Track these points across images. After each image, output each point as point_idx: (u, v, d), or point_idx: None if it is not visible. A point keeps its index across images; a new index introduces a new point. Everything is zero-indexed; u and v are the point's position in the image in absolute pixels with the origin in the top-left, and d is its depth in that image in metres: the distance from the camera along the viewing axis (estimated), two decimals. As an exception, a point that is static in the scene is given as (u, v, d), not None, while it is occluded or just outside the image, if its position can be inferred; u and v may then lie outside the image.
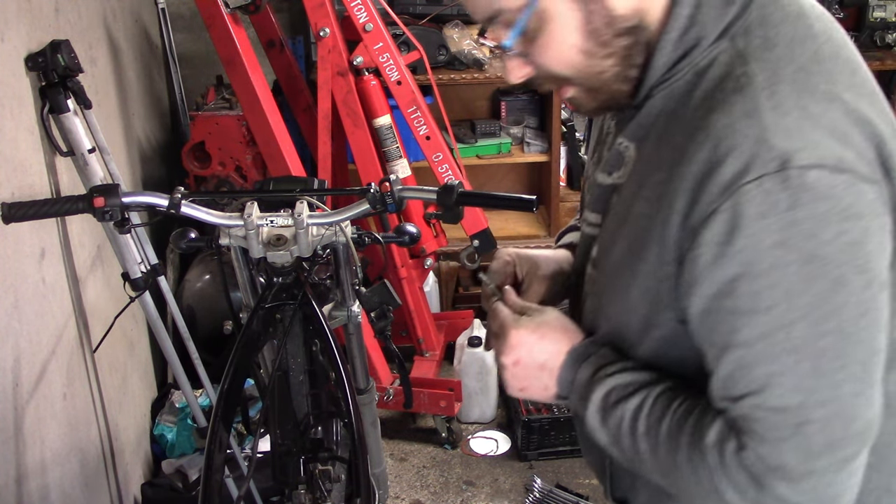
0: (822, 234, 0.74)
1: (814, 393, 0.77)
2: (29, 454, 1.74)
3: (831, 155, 0.75)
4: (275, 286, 1.59)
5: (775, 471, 0.79)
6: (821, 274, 0.75)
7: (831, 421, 0.78)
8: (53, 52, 1.82)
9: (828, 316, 0.76)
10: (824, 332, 0.76)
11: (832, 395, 0.77)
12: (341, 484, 1.76)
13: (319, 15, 2.59)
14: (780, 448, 0.79)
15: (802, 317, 0.76)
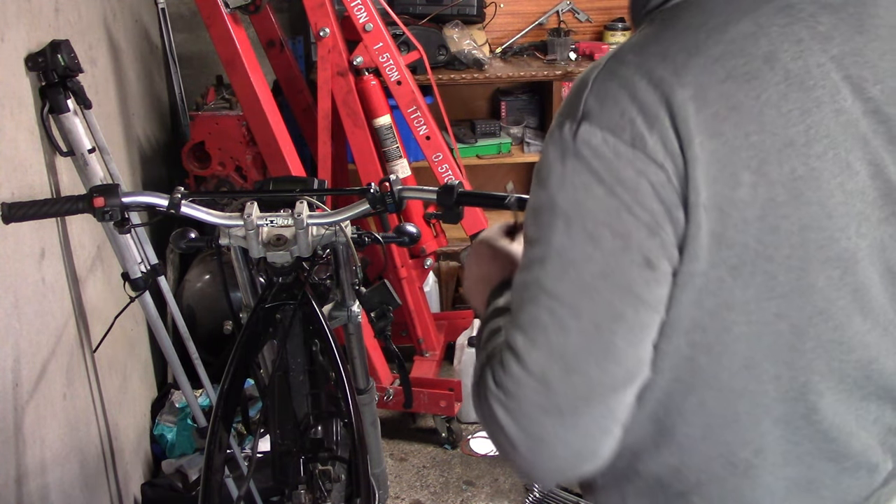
0: (593, 189, 0.79)
1: (545, 331, 0.81)
2: (29, 454, 1.74)
3: (633, 131, 0.78)
4: (275, 286, 1.59)
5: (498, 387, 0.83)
6: (579, 224, 0.80)
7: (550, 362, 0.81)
8: (53, 52, 1.82)
9: (574, 264, 0.80)
10: (567, 279, 0.80)
11: (558, 339, 0.80)
12: (341, 484, 1.76)
13: (319, 15, 2.59)
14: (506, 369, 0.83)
15: (554, 256, 0.81)
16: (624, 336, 0.81)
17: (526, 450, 0.83)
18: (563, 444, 0.82)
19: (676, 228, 0.80)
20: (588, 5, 3.56)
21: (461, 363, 2.98)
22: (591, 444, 0.83)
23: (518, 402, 0.82)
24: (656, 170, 0.78)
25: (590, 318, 0.80)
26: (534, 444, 0.83)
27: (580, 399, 0.81)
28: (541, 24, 3.56)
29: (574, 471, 0.86)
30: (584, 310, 0.80)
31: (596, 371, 0.81)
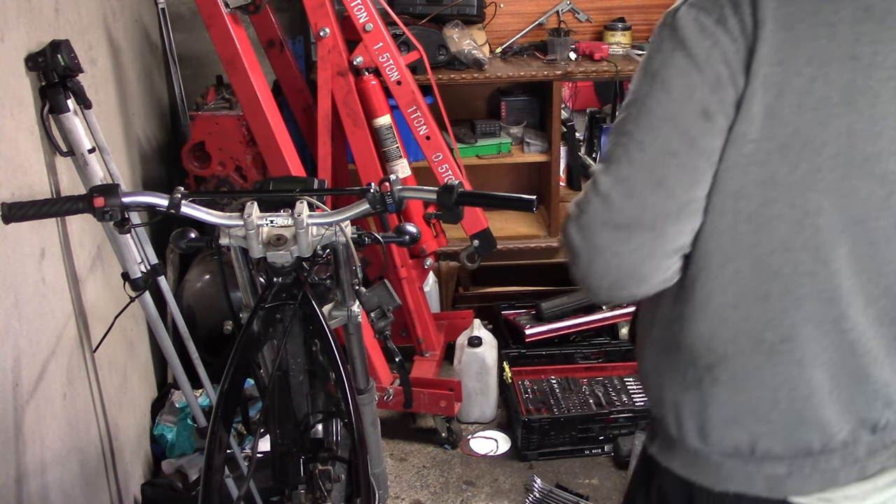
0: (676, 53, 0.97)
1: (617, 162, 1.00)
2: (29, 454, 1.74)
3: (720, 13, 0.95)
4: (275, 286, 1.59)
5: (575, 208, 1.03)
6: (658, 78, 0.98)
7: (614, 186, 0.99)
8: (53, 52, 1.82)
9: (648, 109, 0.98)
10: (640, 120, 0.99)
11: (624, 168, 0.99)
12: (341, 484, 1.76)
13: (319, 15, 2.59)
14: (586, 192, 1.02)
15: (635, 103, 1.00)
16: (676, 171, 0.97)
17: (585, 258, 1.01)
18: (616, 256, 0.99)
19: (737, 91, 0.95)
20: (588, 5, 3.56)
21: (461, 363, 2.98)
22: (638, 263, 1.00)
23: (585, 217, 1.01)
24: (730, 42, 0.95)
25: (651, 153, 0.98)
26: (591, 253, 1.00)
27: (633, 219, 0.98)
28: (541, 24, 3.56)
29: (621, 286, 1.01)
30: (648, 146, 0.98)
31: (650, 198, 0.98)
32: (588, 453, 2.81)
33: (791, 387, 1.03)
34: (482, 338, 3.00)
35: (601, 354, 3.13)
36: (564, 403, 2.93)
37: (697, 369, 1.07)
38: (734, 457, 1.07)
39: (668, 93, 0.97)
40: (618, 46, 3.44)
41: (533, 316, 3.28)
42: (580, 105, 3.62)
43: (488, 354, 2.98)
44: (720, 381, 1.05)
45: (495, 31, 3.53)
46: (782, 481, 1.06)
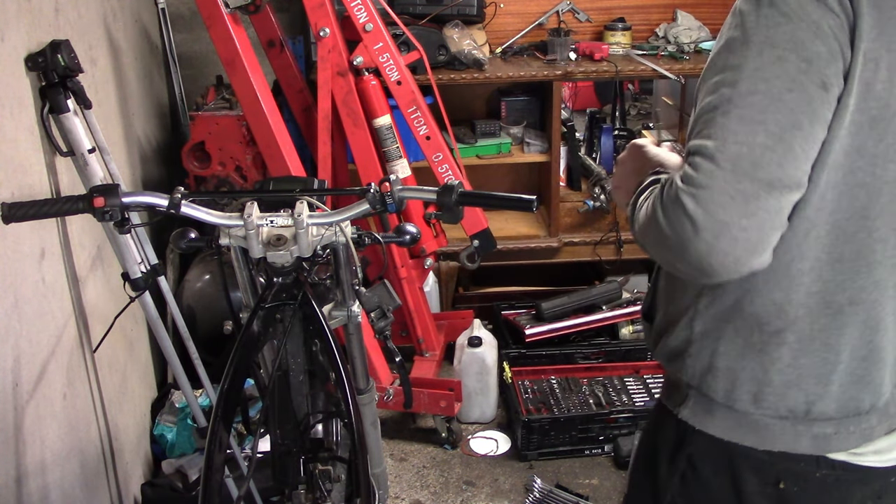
0: (784, 26, 0.97)
1: (735, 134, 0.97)
2: (29, 454, 1.74)
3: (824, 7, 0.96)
4: (275, 286, 1.59)
5: (687, 185, 0.98)
6: (770, 51, 0.98)
7: (740, 158, 0.96)
8: (53, 52, 1.82)
9: (764, 80, 0.97)
10: (758, 91, 0.97)
11: (747, 139, 0.96)
12: (341, 484, 1.76)
13: (319, 15, 2.59)
14: (697, 168, 0.98)
15: (746, 77, 0.98)
16: (801, 143, 0.97)
17: (710, 234, 0.97)
18: (742, 230, 0.97)
19: (845, 64, 0.97)
20: (588, 5, 3.56)
21: (461, 363, 2.98)
22: (762, 235, 0.98)
23: (710, 191, 0.97)
24: (834, 16, 0.96)
25: (776, 123, 0.97)
26: (718, 228, 0.97)
27: (762, 191, 0.96)
28: (541, 24, 3.56)
29: (744, 261, 0.99)
30: (771, 117, 0.97)
31: (777, 169, 0.97)
32: (588, 453, 2.81)
33: (854, 347, 1.08)
34: (482, 338, 3.00)
35: (601, 354, 3.13)
36: (564, 403, 2.93)
37: (763, 334, 1.09)
38: (786, 419, 1.11)
39: (784, 64, 0.97)
40: (618, 46, 3.44)
41: (533, 316, 3.28)
42: (580, 105, 3.62)
43: (488, 354, 2.98)
44: (787, 344, 1.08)
45: (495, 31, 3.53)
46: (829, 440, 1.10)
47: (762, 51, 0.98)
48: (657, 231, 1.01)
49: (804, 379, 1.09)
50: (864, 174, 1.01)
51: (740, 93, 0.98)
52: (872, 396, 1.10)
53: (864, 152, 1.00)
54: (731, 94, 0.98)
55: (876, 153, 1.00)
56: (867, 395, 1.10)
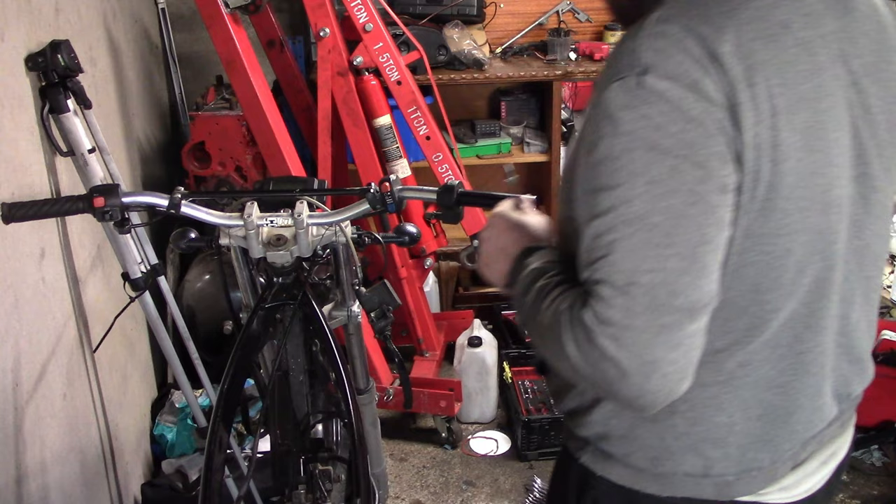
0: (668, 128, 0.88)
1: (644, 261, 0.88)
2: (29, 454, 1.74)
3: (688, 76, 0.88)
4: (275, 286, 1.59)
5: (603, 325, 0.89)
6: (660, 161, 0.88)
7: (655, 288, 0.88)
8: (53, 52, 1.82)
9: (662, 196, 0.88)
10: (658, 210, 0.88)
11: (658, 265, 0.88)
12: (341, 484, 1.76)
13: (319, 15, 2.59)
14: (610, 304, 0.89)
15: (641, 195, 0.88)
16: (713, 256, 0.91)
17: (639, 376, 0.89)
18: (672, 364, 0.89)
19: (735, 157, 0.90)
20: (588, 5, 3.56)
21: (461, 363, 2.98)
22: (690, 360, 0.91)
23: (631, 331, 0.88)
24: (716, 109, 0.89)
25: (685, 244, 0.88)
26: (646, 369, 0.88)
27: (685, 318, 0.89)
28: (541, 24, 3.56)
29: (676, 391, 0.92)
30: (677, 237, 0.88)
31: (695, 291, 0.89)
32: (588, 453, 2.81)
33: (746, 409, 1.04)
34: (482, 338, 3.00)
35: (601, 354, 3.12)
36: (564, 403, 2.93)
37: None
38: (687, 475, 1.07)
39: (679, 175, 0.88)
40: (618, 46, 3.44)
41: (533, 316, 3.27)
42: (580, 105, 3.62)
43: (488, 354, 2.98)
44: (679, 413, 1.03)
45: (495, 31, 3.53)
46: (731, 485, 1.07)
47: (651, 160, 0.88)
48: (573, 369, 0.93)
49: (700, 444, 1.05)
50: (753, 253, 0.95)
51: (639, 213, 0.88)
52: (772, 453, 1.06)
53: (752, 233, 0.94)
54: (628, 214, 0.88)
55: (763, 233, 0.95)
56: (766, 453, 1.06)
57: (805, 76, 0.94)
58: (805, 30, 0.95)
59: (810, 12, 0.97)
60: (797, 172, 0.93)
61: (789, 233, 0.96)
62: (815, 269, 0.99)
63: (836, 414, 1.12)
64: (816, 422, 1.09)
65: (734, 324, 1.00)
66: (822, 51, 0.96)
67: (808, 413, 1.07)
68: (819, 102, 0.95)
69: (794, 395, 1.05)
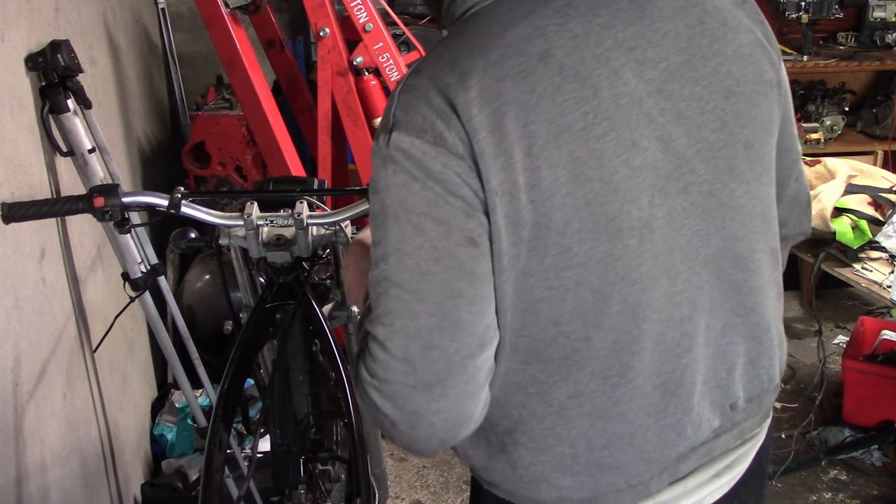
0: (411, 186, 0.88)
1: (398, 318, 0.89)
2: (29, 454, 1.74)
3: (434, 132, 0.87)
4: (275, 286, 1.59)
5: (372, 377, 0.91)
6: (405, 219, 0.89)
7: (409, 343, 0.89)
8: (53, 52, 1.82)
9: (409, 254, 0.89)
10: (406, 269, 0.89)
11: (411, 322, 0.89)
12: (341, 484, 1.76)
13: (319, 15, 2.59)
14: (375, 358, 0.91)
15: (392, 252, 0.89)
16: (467, 309, 0.90)
17: (405, 426, 0.91)
18: (436, 414, 0.91)
19: (483, 208, 0.89)
20: (588, 5, 3.56)
21: (461, 363, 2.97)
22: (461, 409, 0.92)
23: (390, 385, 0.90)
24: (458, 161, 0.87)
25: (433, 299, 0.89)
26: (411, 419, 0.91)
27: (442, 371, 0.89)
28: (541, 24, 3.55)
29: (452, 437, 0.94)
30: (426, 293, 0.89)
31: (450, 344, 0.89)
32: (588, 453, 2.81)
33: (588, 438, 1.01)
34: (482, 338, 2.99)
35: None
36: (564, 403, 2.93)
37: (499, 435, 1.03)
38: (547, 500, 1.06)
39: (422, 232, 0.88)
40: (618, 46, 3.44)
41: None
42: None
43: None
44: (521, 444, 1.02)
45: (495, 31, 3.53)
46: (598, 500, 1.05)
47: (399, 219, 0.89)
48: (363, 406, 0.96)
49: (549, 474, 1.03)
50: (540, 290, 0.93)
51: (393, 269, 0.89)
52: (626, 477, 1.03)
53: (531, 272, 0.92)
54: (387, 270, 0.90)
55: (544, 268, 0.92)
56: (619, 477, 1.03)
57: (572, 105, 0.89)
58: (572, 54, 0.90)
59: (581, 32, 0.91)
60: (567, 207, 0.90)
61: (574, 265, 0.92)
62: (621, 296, 0.95)
63: (717, 425, 1.07)
64: (674, 438, 1.04)
65: (547, 354, 0.97)
66: (599, 70, 0.91)
67: (656, 433, 1.03)
68: (590, 130, 0.90)
69: (632, 419, 1.01)
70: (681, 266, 0.99)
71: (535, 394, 0.99)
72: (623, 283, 0.95)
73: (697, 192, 0.98)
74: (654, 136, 0.94)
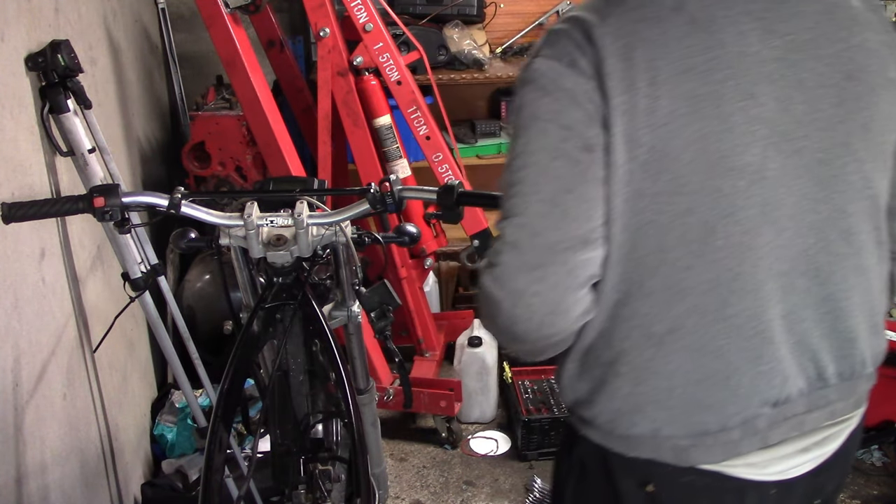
0: (542, 99, 1.05)
1: (516, 208, 1.04)
2: (29, 454, 1.74)
3: (569, 58, 1.04)
4: (275, 286, 1.59)
5: (487, 266, 1.06)
6: (534, 126, 1.05)
7: (522, 230, 1.04)
8: (53, 52, 1.82)
9: (532, 153, 1.04)
10: (529, 165, 1.04)
11: (525, 211, 1.04)
12: (341, 484, 1.76)
13: (319, 15, 2.59)
14: (495, 247, 1.06)
15: (520, 154, 1.05)
16: (575, 205, 1.03)
17: (507, 304, 1.04)
18: (535, 295, 1.03)
19: (602, 124, 1.02)
20: (588, 5, 3.56)
21: (461, 363, 2.98)
22: (557, 298, 1.04)
23: (500, 268, 1.04)
24: (586, 81, 1.02)
25: (547, 191, 1.03)
26: (513, 298, 1.04)
27: (544, 257, 1.03)
28: (541, 24, 3.56)
29: (549, 324, 1.05)
30: (541, 186, 1.04)
31: (554, 233, 1.03)
32: (588, 453, 2.81)
33: (685, 372, 1.09)
34: (482, 338, 3.00)
35: (601, 354, 3.12)
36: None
37: (601, 366, 1.13)
38: (642, 436, 1.14)
39: (547, 135, 1.04)
40: (618, 46, 3.44)
41: (533, 316, 3.27)
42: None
43: (488, 354, 2.98)
44: (621, 375, 1.11)
45: (495, 31, 3.53)
46: (687, 451, 1.12)
47: (528, 127, 1.05)
48: (480, 302, 1.09)
49: (645, 406, 1.11)
50: (650, 213, 1.04)
51: (516, 169, 1.05)
52: (718, 418, 1.10)
53: (644, 193, 1.03)
54: (511, 173, 1.05)
55: (655, 191, 1.03)
56: (710, 416, 1.10)
57: (697, 50, 1.02)
58: (703, 10, 1.03)
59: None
60: (683, 137, 1.02)
61: (685, 193, 1.03)
62: (726, 232, 1.05)
63: (801, 388, 1.13)
64: (764, 387, 1.11)
65: (650, 285, 1.07)
66: (727, 28, 1.03)
67: (750, 377, 1.10)
68: (712, 74, 1.02)
69: (728, 358, 1.09)
70: (788, 223, 1.08)
71: (637, 326, 1.09)
72: (728, 220, 1.05)
73: (810, 157, 1.07)
74: (773, 95, 1.05)
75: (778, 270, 1.08)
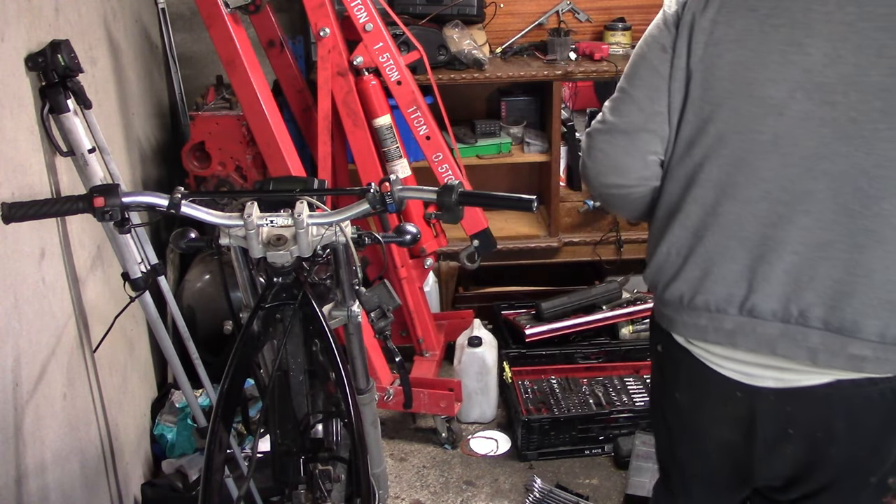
0: (649, 33, 1.42)
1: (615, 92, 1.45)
2: (29, 454, 1.74)
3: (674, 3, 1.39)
4: (275, 286, 1.59)
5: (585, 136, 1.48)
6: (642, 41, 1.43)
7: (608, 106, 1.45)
8: (53, 52, 1.82)
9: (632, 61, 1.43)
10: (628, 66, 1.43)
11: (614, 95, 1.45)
12: (341, 484, 1.76)
13: (319, 15, 2.59)
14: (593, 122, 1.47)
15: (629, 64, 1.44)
16: (644, 92, 1.40)
17: (586, 155, 1.47)
18: (601, 152, 1.44)
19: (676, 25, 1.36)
20: (588, 5, 3.56)
21: (461, 363, 2.98)
22: (617, 157, 1.43)
23: (591, 130, 1.47)
24: (678, 9, 1.36)
25: (631, 81, 1.42)
26: (590, 150, 1.46)
27: (616, 126, 1.42)
28: (541, 24, 3.56)
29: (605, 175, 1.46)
30: (629, 77, 1.42)
31: (626, 111, 1.41)
32: (588, 453, 2.81)
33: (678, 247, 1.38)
34: (482, 338, 3.00)
35: (601, 354, 3.13)
36: (564, 403, 2.93)
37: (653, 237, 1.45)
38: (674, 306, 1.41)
39: (645, 42, 1.41)
40: (618, 46, 3.44)
41: (533, 316, 3.28)
42: (580, 105, 3.62)
43: (488, 354, 2.98)
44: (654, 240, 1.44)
45: (495, 31, 3.53)
46: (672, 321, 1.42)
47: (639, 45, 1.43)
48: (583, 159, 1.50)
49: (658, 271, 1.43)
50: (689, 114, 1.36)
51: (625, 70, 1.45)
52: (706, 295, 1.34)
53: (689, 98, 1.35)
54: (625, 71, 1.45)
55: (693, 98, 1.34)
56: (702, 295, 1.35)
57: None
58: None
59: None
60: (726, 59, 1.30)
61: (712, 102, 1.31)
62: (732, 145, 1.30)
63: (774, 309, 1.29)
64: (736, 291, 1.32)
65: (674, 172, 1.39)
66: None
67: (725, 275, 1.32)
68: (770, 19, 1.25)
69: (707, 247, 1.35)
70: (797, 160, 1.25)
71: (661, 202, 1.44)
72: (737, 136, 1.29)
73: (842, 112, 1.21)
74: (824, 50, 1.22)
75: (778, 199, 1.27)
